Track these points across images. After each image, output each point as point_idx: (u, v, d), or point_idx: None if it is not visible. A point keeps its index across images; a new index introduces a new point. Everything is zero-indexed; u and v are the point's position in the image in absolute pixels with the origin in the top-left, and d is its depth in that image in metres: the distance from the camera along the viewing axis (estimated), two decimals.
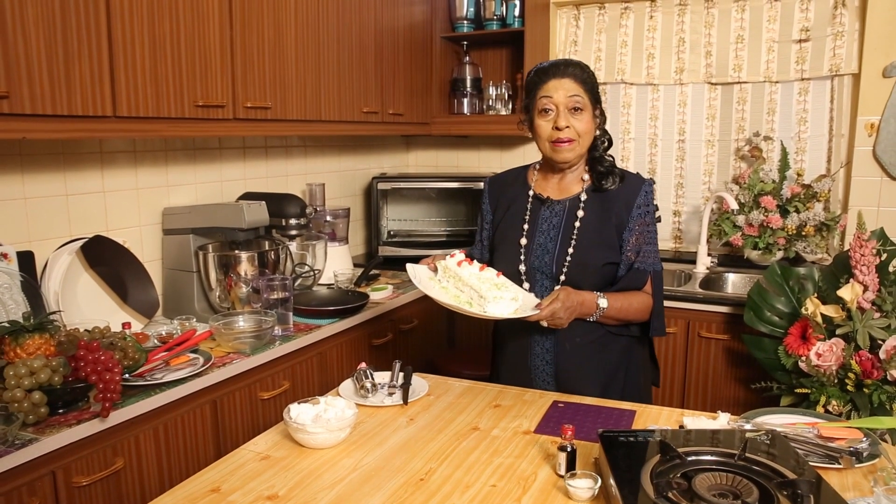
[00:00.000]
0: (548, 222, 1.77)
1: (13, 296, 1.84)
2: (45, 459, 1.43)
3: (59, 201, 2.04)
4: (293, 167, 2.96)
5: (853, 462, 1.30)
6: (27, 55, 1.56)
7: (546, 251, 1.75)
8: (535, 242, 1.77)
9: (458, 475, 1.31)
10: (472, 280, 1.60)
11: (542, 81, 1.70)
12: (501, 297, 1.56)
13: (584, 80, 1.70)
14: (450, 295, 1.65)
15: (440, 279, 1.71)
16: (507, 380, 1.82)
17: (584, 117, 1.69)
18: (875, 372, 2.05)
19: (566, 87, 1.68)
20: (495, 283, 1.60)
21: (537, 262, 1.75)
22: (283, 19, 2.29)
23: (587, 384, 1.74)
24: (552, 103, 1.68)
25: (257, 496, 1.24)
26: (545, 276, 1.75)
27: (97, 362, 1.49)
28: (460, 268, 1.65)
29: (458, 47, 3.46)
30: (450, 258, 1.69)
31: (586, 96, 1.69)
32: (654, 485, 1.11)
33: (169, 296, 2.34)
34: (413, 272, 1.74)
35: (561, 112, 1.68)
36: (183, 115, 1.96)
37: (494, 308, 1.55)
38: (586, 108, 1.69)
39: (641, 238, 1.73)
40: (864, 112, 2.84)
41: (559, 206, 1.78)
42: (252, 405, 1.97)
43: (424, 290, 1.66)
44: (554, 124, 1.69)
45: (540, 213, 1.79)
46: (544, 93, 1.69)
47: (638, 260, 1.73)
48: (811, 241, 2.82)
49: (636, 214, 1.73)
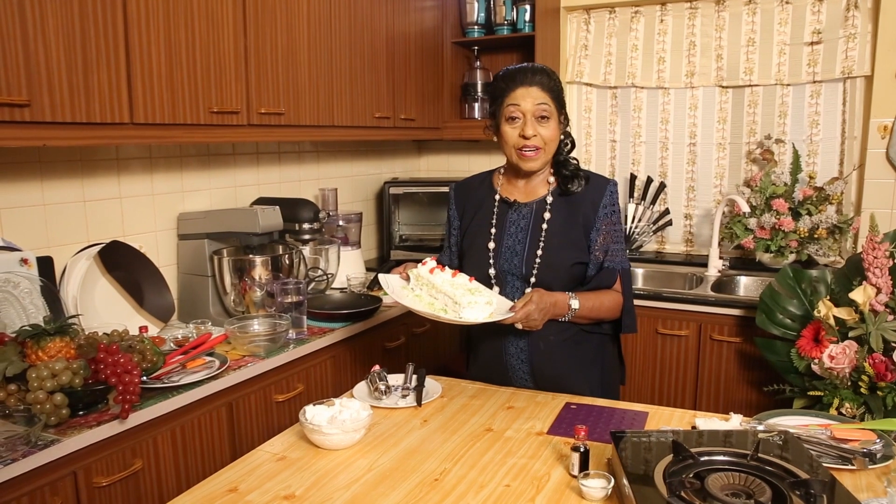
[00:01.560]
0: (515, 225, 1.79)
1: (33, 300, 1.87)
2: (66, 460, 1.46)
3: (77, 207, 2.07)
4: (306, 172, 2.99)
5: (866, 463, 1.30)
6: (48, 64, 1.59)
7: (515, 254, 1.77)
8: (503, 245, 1.79)
9: (473, 475, 1.33)
10: (446, 287, 1.62)
11: (510, 88, 1.71)
12: (476, 301, 1.58)
13: (551, 88, 1.71)
14: (424, 303, 1.66)
15: (413, 287, 1.72)
16: (482, 378, 1.85)
17: (550, 125, 1.71)
18: (889, 374, 2.04)
19: (533, 96, 1.69)
20: (469, 288, 1.61)
21: (507, 265, 1.77)
22: (296, 26, 2.32)
23: (564, 381, 1.77)
24: (519, 111, 1.70)
25: (274, 496, 1.26)
26: (516, 278, 1.77)
27: (116, 364, 1.52)
28: (433, 275, 1.66)
29: (468, 52, 3.48)
30: (421, 266, 1.70)
31: (553, 104, 1.71)
32: (668, 484, 1.12)
33: (184, 300, 2.37)
34: (385, 282, 1.75)
35: (528, 120, 1.70)
36: (198, 121, 1.99)
37: (470, 313, 1.57)
38: (552, 115, 1.71)
39: (609, 237, 1.76)
40: (877, 114, 2.83)
41: (526, 208, 1.80)
42: (267, 407, 1.99)
43: (398, 299, 1.67)
44: (521, 132, 1.70)
45: (507, 216, 1.81)
46: (511, 100, 1.70)
47: (606, 259, 1.76)
48: (824, 243, 2.81)
49: (602, 214, 1.75)
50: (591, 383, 1.80)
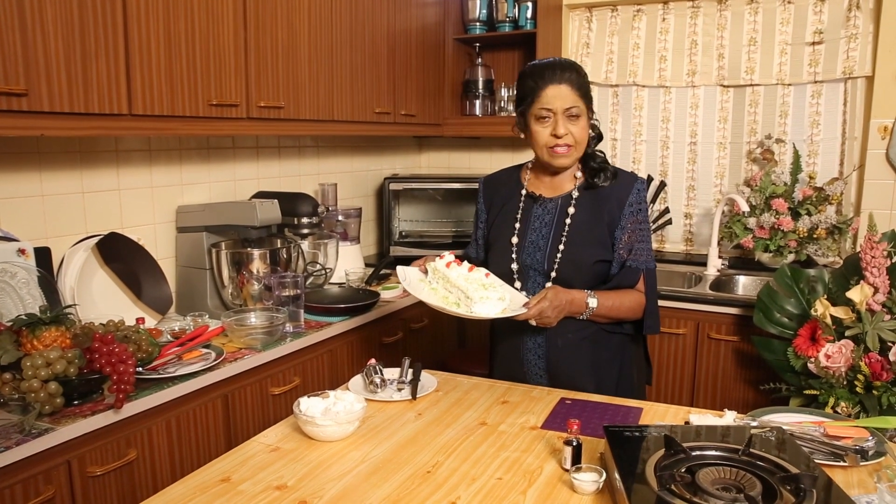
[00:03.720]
0: (540, 220, 1.79)
1: (30, 290, 1.87)
2: (60, 449, 1.46)
3: (75, 199, 2.08)
4: (306, 167, 2.99)
5: (858, 460, 1.30)
6: (46, 54, 1.59)
7: (538, 248, 1.77)
8: (526, 240, 1.78)
9: (465, 468, 1.33)
10: (460, 281, 1.62)
11: (539, 87, 1.69)
12: (488, 297, 1.57)
13: (581, 86, 1.70)
14: (438, 296, 1.66)
15: (430, 281, 1.72)
16: (502, 374, 1.85)
17: (580, 123, 1.70)
18: (884, 374, 2.04)
19: (563, 96, 1.67)
20: (483, 283, 1.61)
21: (529, 260, 1.77)
22: (296, 20, 2.32)
23: (579, 379, 1.76)
24: (550, 111, 1.69)
25: (266, 486, 1.26)
26: (538, 273, 1.77)
27: (112, 354, 1.52)
28: (449, 269, 1.66)
29: (470, 49, 3.48)
30: (439, 260, 1.71)
31: (582, 102, 1.70)
32: (658, 478, 1.12)
33: (182, 293, 2.37)
34: (403, 274, 1.76)
35: (559, 119, 1.68)
36: (197, 113, 1.99)
37: (481, 308, 1.57)
38: (583, 113, 1.70)
39: (634, 236, 1.74)
40: (878, 115, 2.83)
41: (551, 203, 1.79)
42: (263, 400, 2.00)
43: (413, 292, 1.68)
44: (552, 131, 1.69)
45: (532, 211, 1.81)
46: (542, 100, 1.68)
47: (630, 258, 1.75)
48: (823, 243, 2.81)
49: (628, 212, 1.74)
50: (606, 383, 1.77)
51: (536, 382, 1.79)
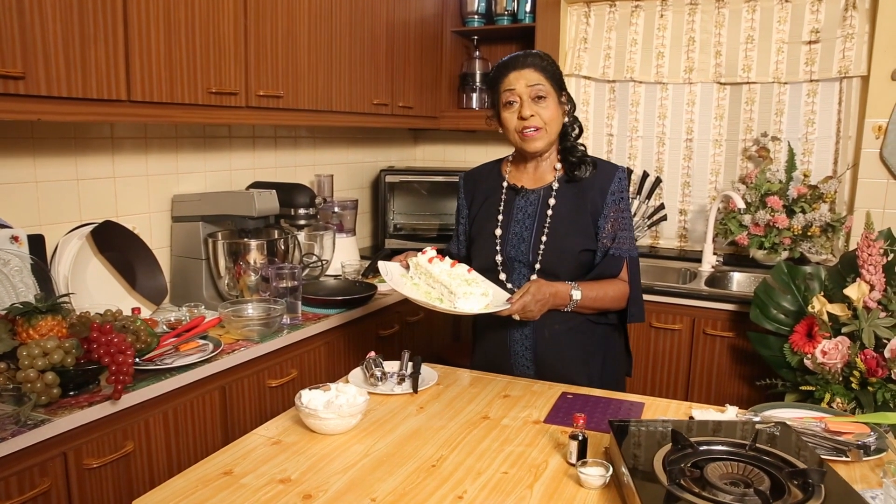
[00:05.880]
0: (522, 211, 1.79)
1: (23, 278, 1.84)
2: (56, 440, 1.43)
3: (70, 186, 2.04)
4: (302, 158, 2.96)
5: (861, 455, 1.31)
6: (44, 37, 1.56)
7: (522, 240, 1.77)
8: (510, 232, 1.78)
9: (470, 462, 1.32)
10: (443, 276, 1.62)
11: (503, 75, 1.72)
12: (471, 292, 1.57)
13: (545, 68, 1.72)
14: (421, 291, 1.66)
15: (412, 276, 1.72)
16: (485, 366, 1.84)
17: (548, 104, 1.71)
18: (880, 370, 2.05)
19: (527, 77, 1.70)
20: (465, 278, 1.61)
21: (513, 252, 1.77)
22: (296, 9, 2.30)
23: (566, 370, 1.76)
24: (515, 95, 1.71)
25: (270, 479, 1.25)
26: (522, 265, 1.77)
27: (110, 344, 1.49)
28: (431, 264, 1.66)
29: (468, 42, 3.47)
30: (421, 255, 1.70)
31: (548, 83, 1.71)
32: (667, 472, 1.11)
33: (177, 283, 2.34)
34: (385, 269, 1.75)
35: (525, 102, 1.70)
36: (196, 101, 1.97)
37: (464, 304, 1.56)
38: (550, 95, 1.71)
39: (616, 224, 1.75)
40: (872, 114, 2.84)
41: (533, 195, 1.79)
42: (260, 392, 1.98)
43: (396, 287, 1.67)
44: (519, 114, 1.71)
45: (515, 202, 1.81)
46: (506, 86, 1.72)
47: (613, 246, 1.75)
48: (816, 241, 2.82)
49: (611, 201, 1.75)
50: (592, 374, 1.79)
51: (523, 374, 1.80)
